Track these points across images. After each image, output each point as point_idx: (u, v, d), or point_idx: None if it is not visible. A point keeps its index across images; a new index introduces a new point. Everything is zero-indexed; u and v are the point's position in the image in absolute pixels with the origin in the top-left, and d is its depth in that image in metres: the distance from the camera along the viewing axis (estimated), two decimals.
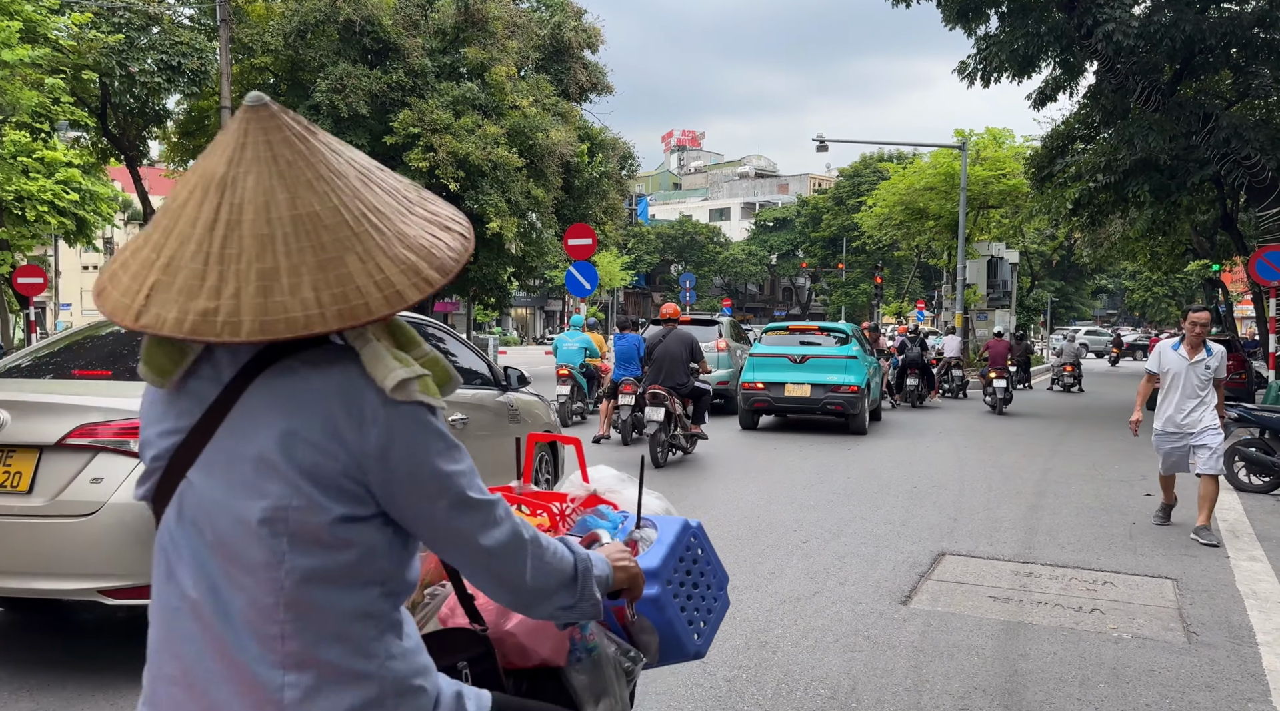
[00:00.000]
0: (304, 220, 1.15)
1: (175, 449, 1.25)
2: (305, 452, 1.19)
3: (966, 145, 28.73)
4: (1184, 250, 26.67)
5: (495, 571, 1.32)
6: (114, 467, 3.78)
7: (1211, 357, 6.90)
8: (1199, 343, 6.93)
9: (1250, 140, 14.39)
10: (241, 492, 1.20)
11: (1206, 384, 6.87)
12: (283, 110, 1.19)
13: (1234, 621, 4.93)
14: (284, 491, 1.19)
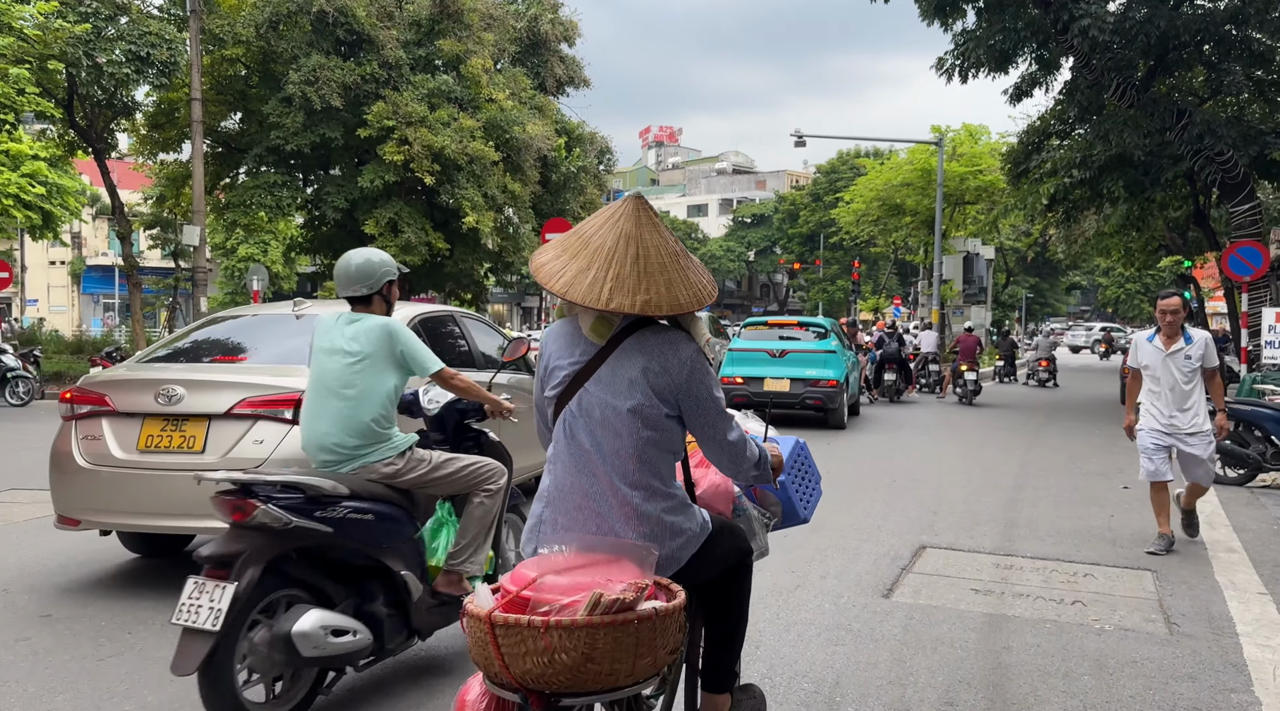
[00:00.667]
0: (674, 256, 2.31)
1: (578, 370, 2.34)
2: (654, 379, 2.30)
3: (943, 141, 28.84)
4: (1157, 246, 26.88)
5: (729, 452, 2.45)
6: (271, 431, 4.76)
7: (1192, 346, 6.14)
8: (1175, 331, 6.20)
9: (1223, 136, 14.49)
10: (618, 396, 2.30)
11: (1192, 376, 6.13)
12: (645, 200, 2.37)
13: (1214, 612, 4.93)
14: (642, 398, 2.29)
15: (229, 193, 22.70)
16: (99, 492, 4.92)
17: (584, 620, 1.95)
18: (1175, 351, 6.19)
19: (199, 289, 20.36)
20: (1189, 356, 6.16)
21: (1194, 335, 6.22)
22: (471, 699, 2.17)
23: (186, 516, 4.75)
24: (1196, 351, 6.16)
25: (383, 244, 21.06)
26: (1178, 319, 6.20)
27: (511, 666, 2.00)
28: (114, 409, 4.98)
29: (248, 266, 31.63)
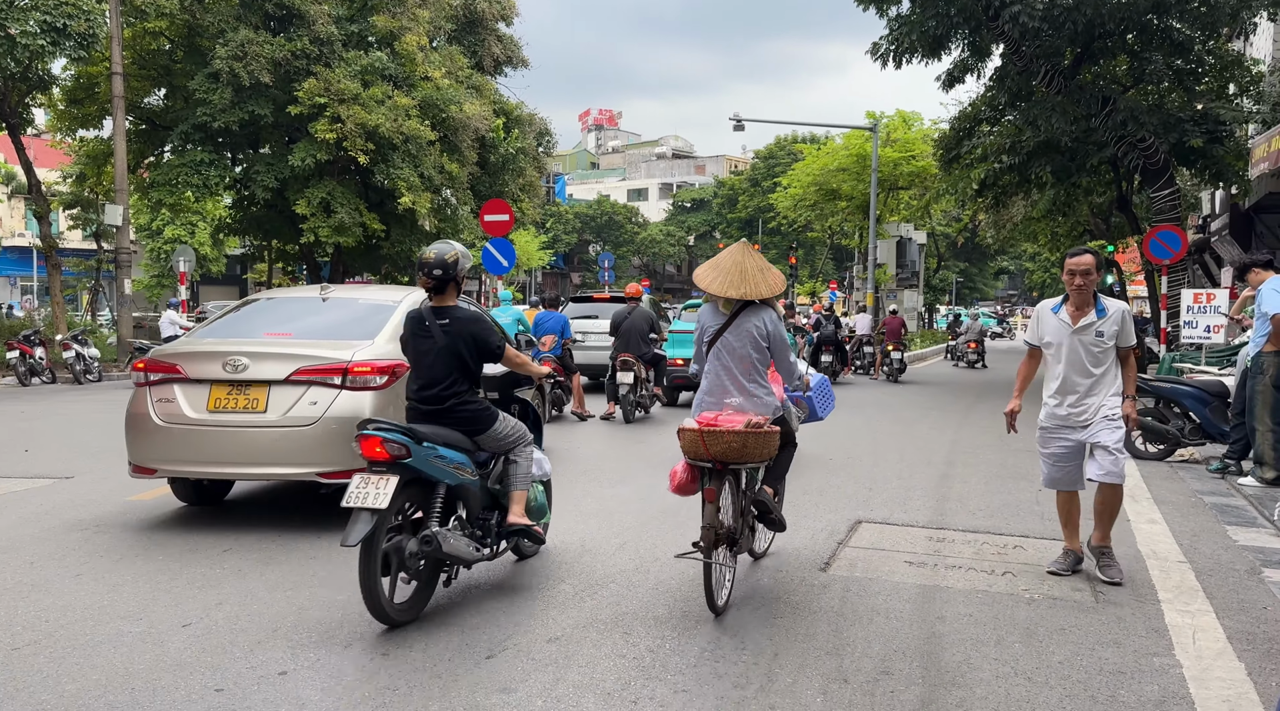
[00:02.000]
0: (760, 270, 4.77)
1: (719, 328, 4.74)
2: (755, 330, 4.72)
3: (878, 127, 29.23)
4: (1082, 231, 27.68)
5: (787, 371, 4.96)
6: (324, 395, 5.80)
7: (1105, 320, 4.98)
8: (1086, 299, 5.03)
9: (1145, 123, 14.95)
10: (740, 340, 4.72)
11: (1104, 356, 4.99)
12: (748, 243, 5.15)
13: (1137, 581, 5.10)
14: (750, 340, 4.72)
15: (153, 171, 21.94)
16: (173, 446, 5.89)
17: (743, 430, 4.41)
18: (1085, 325, 5.01)
19: (122, 271, 19.68)
20: (1101, 332, 4.98)
21: (1109, 306, 5.03)
22: (680, 469, 4.74)
23: (250, 464, 5.84)
24: (1110, 327, 4.98)
25: (315, 225, 20.61)
26: (1089, 283, 5.00)
27: (711, 447, 4.42)
28: (186, 376, 5.94)
29: (174, 248, 30.67)
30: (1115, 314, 5.02)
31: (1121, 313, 5.02)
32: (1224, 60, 16.40)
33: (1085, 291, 5.01)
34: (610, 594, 4.72)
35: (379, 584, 4.02)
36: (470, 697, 3.46)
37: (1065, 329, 5.06)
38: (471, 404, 4.63)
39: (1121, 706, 3.49)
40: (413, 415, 4.64)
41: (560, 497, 6.97)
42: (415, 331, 4.69)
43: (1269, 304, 7.62)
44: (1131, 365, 5.10)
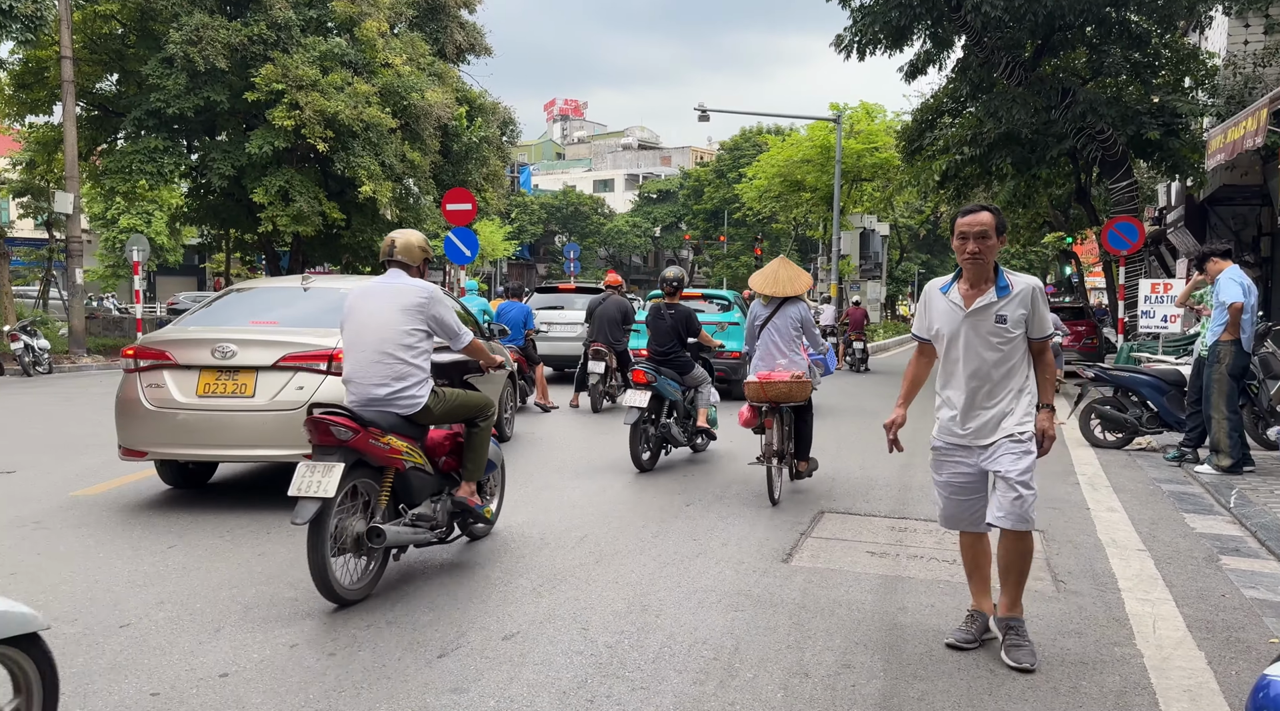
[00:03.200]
0: (793, 276, 7.11)
1: (768, 316, 7.00)
2: (793, 316, 6.97)
3: (841, 119, 29.30)
4: (1041, 223, 27.96)
5: (816, 343, 7.17)
6: (310, 380, 6.06)
7: (1009, 300, 3.75)
8: (984, 274, 3.78)
9: (1104, 115, 15.07)
10: (785, 324, 6.96)
11: (1010, 351, 3.77)
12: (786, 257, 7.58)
13: (1097, 569, 5.10)
14: (791, 323, 6.97)
15: (106, 159, 21.37)
16: (163, 430, 6.09)
17: (789, 380, 6.64)
18: (981, 308, 3.76)
19: (73, 260, 19.19)
20: (1002, 317, 3.74)
21: (1014, 282, 3.79)
22: (745, 410, 7.00)
23: (239, 446, 6.08)
24: (1015, 310, 3.74)
25: (273, 213, 20.22)
26: (987, 251, 3.73)
27: (768, 392, 6.64)
28: (175, 362, 6.16)
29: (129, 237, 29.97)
30: (1022, 292, 3.73)
31: (1031, 291, 3.74)
32: (1180, 53, 16.59)
33: (981, 262, 3.72)
34: (569, 588, 4.62)
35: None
36: (420, 698, 3.35)
37: (956, 313, 3.78)
38: (683, 356, 8.19)
39: (1083, 697, 3.46)
40: (653, 363, 8.10)
41: (521, 490, 6.85)
42: (655, 315, 8.28)
43: (1226, 293, 7.69)
44: (1049, 364, 3.86)
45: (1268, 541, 5.56)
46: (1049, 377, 3.87)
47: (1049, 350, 3.88)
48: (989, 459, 3.81)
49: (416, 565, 4.98)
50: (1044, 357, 3.87)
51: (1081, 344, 18.71)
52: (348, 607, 4.26)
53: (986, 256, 3.73)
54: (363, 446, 4.25)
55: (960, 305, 3.79)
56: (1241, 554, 5.46)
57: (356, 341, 4.67)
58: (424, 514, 4.67)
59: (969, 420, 3.83)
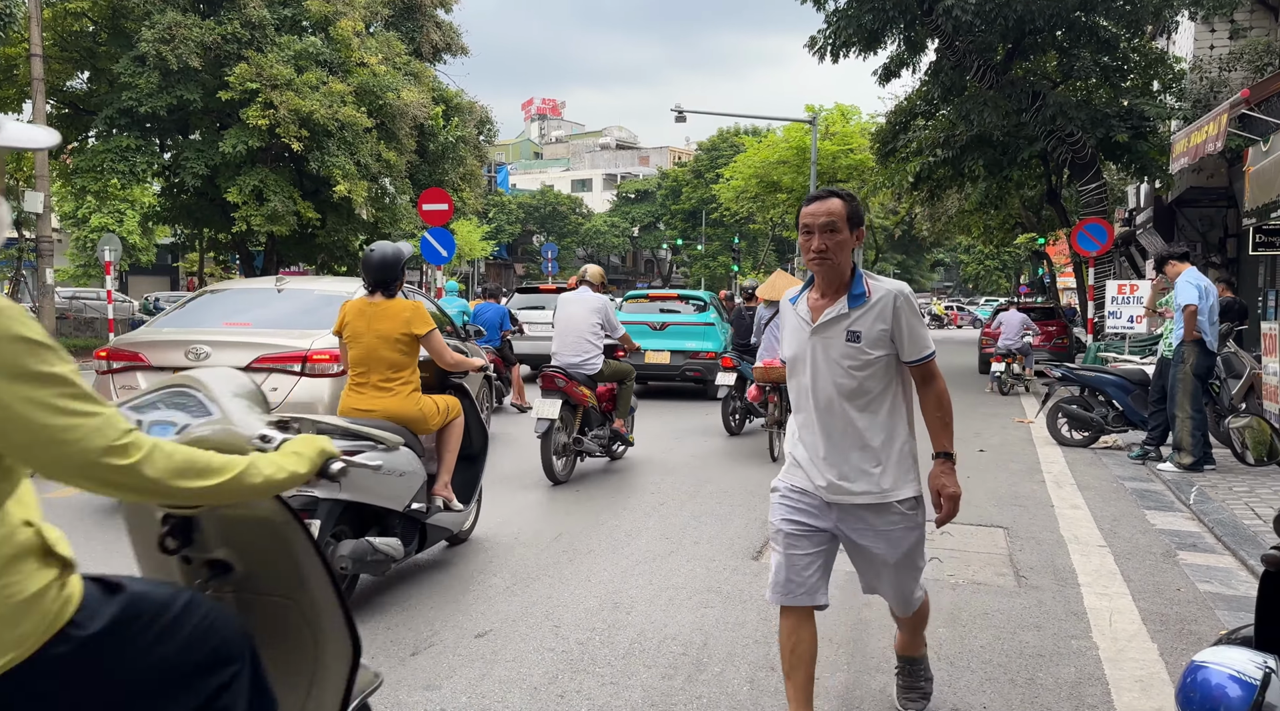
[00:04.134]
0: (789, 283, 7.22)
1: (770, 316, 8.43)
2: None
3: (817, 120, 29.53)
4: (1013, 224, 28.33)
5: None
6: (284, 382, 6.04)
7: (864, 311, 2.87)
8: (834, 279, 2.90)
9: (1074, 118, 15.32)
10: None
11: (869, 380, 2.87)
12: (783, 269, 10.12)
13: (1059, 565, 5.23)
14: None
15: (77, 157, 21.16)
16: None
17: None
18: (830, 321, 2.89)
19: (44, 260, 18.99)
20: (855, 334, 2.85)
21: (871, 289, 2.88)
22: (753, 389, 8.96)
23: None
24: (873, 324, 2.85)
25: (247, 213, 20.11)
26: (836, 249, 2.84)
27: (770, 375, 8.11)
28: (148, 364, 6.17)
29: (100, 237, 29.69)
30: (881, 302, 2.82)
31: (893, 300, 2.82)
32: (1148, 57, 16.88)
33: (831, 264, 2.82)
34: (542, 587, 4.69)
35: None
36: (393, 695, 3.40)
37: (803, 330, 2.92)
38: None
39: (1039, 688, 3.57)
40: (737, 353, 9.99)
41: (496, 489, 6.91)
42: (739, 315, 10.24)
43: (1182, 296, 7.87)
44: (940, 396, 2.92)
45: (1224, 537, 5.71)
46: (941, 415, 2.92)
47: (938, 378, 2.93)
48: (855, 530, 2.90)
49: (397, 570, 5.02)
50: (931, 388, 2.91)
51: (1052, 343, 18.98)
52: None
53: (837, 255, 2.81)
54: (569, 391, 7.13)
55: (805, 319, 2.90)
56: (1199, 549, 5.61)
57: (565, 329, 7.47)
58: (598, 434, 7.53)
59: (827, 469, 2.86)
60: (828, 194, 2.90)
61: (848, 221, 2.86)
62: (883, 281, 2.90)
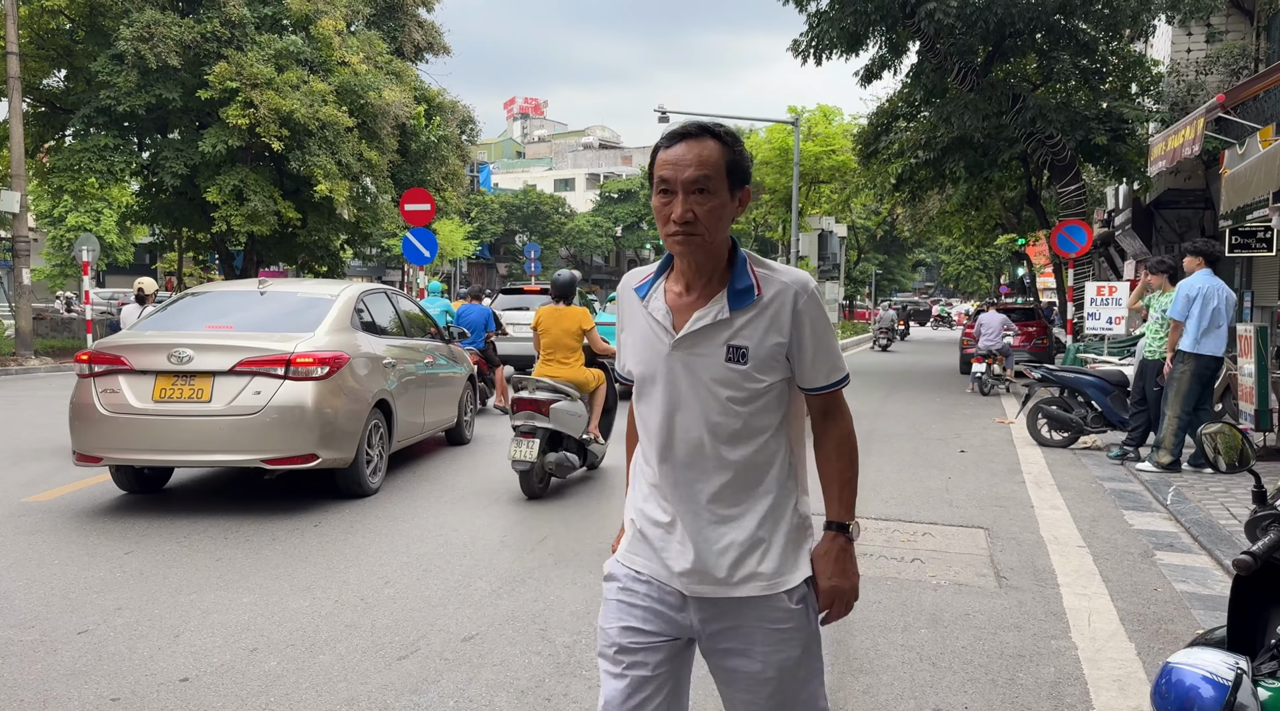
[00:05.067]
0: None
1: None
2: None
3: (799, 121, 29.63)
4: (994, 225, 28.53)
5: None
6: (268, 385, 6.07)
7: (752, 317, 1.90)
8: (709, 264, 1.92)
9: (1053, 121, 15.45)
10: None
11: (757, 421, 1.93)
12: None
13: (1038, 565, 5.29)
14: None
15: (54, 156, 20.94)
16: (119, 435, 6.08)
17: None
18: (700, 331, 1.92)
19: (20, 260, 18.80)
20: (739, 351, 1.91)
21: (762, 280, 1.93)
22: None
23: (196, 451, 6.08)
24: (765, 337, 1.91)
25: (227, 213, 19.98)
26: (709, 217, 1.87)
27: None
28: (130, 367, 6.12)
29: (77, 236, 29.38)
30: (778, 303, 1.93)
31: (794, 298, 1.93)
32: (1126, 60, 17.05)
33: (701, 244, 1.90)
34: (529, 590, 4.70)
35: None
36: (380, 699, 3.41)
37: (658, 340, 1.98)
38: None
39: (1019, 688, 3.62)
40: None
41: (481, 495, 6.91)
42: None
43: (1172, 308, 7.96)
44: (844, 439, 2.07)
45: (1200, 537, 5.80)
46: (842, 466, 2.04)
47: (844, 413, 2.05)
48: (723, 635, 1.96)
49: (376, 567, 5.02)
50: (835, 427, 2.04)
51: (1032, 344, 19.15)
52: (307, 609, 4.30)
53: (711, 229, 1.86)
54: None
55: (664, 324, 1.93)
56: (1175, 549, 5.69)
57: None
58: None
59: (689, 548, 1.93)
60: (698, 131, 1.89)
61: (727, 177, 1.87)
62: (777, 270, 1.94)
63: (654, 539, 2.00)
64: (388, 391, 7.06)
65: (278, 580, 4.79)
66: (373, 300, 7.63)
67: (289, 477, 6.95)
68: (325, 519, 6.08)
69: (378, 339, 7.25)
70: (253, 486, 6.99)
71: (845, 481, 2.06)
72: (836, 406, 2.05)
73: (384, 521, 6.06)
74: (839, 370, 2.00)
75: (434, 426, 8.35)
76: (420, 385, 7.85)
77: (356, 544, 5.50)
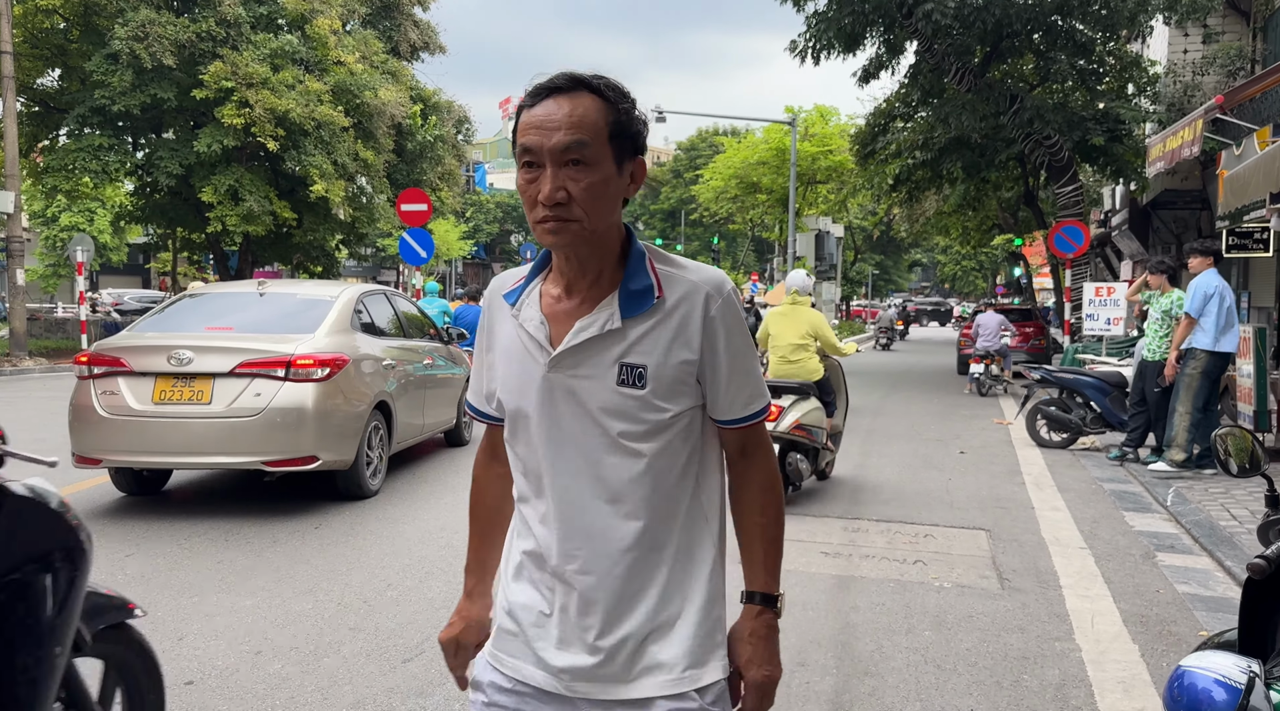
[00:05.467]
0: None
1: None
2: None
3: (796, 122, 29.65)
4: (991, 225, 28.58)
5: None
6: (268, 387, 6.05)
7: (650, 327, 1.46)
8: (590, 264, 1.49)
9: (1050, 121, 15.46)
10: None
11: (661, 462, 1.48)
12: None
13: (1041, 567, 5.29)
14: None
15: (48, 156, 20.88)
16: (118, 437, 6.06)
17: None
18: (582, 345, 1.47)
19: (14, 260, 18.72)
20: (635, 372, 1.45)
21: (664, 279, 1.49)
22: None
23: (196, 454, 6.07)
24: (669, 353, 1.46)
25: (222, 213, 19.92)
26: (587, 197, 1.41)
27: None
28: (130, 369, 6.09)
29: (71, 236, 29.30)
30: (685, 308, 1.48)
31: (705, 303, 1.48)
32: (1124, 61, 17.08)
33: (580, 232, 1.43)
34: None
35: None
36: (386, 702, 3.39)
37: (531, 359, 1.52)
38: None
39: (1024, 690, 3.61)
40: None
41: None
42: None
43: (1187, 303, 7.90)
44: (765, 483, 1.60)
45: (1201, 538, 5.80)
46: (765, 520, 1.60)
47: (768, 452, 1.62)
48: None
49: (378, 569, 5.01)
50: (756, 469, 1.60)
51: (1030, 345, 19.17)
52: (310, 612, 4.28)
53: (591, 212, 1.44)
54: None
55: (538, 338, 1.52)
56: (1176, 550, 5.70)
57: None
58: None
59: (571, 637, 1.52)
60: (570, 84, 1.44)
61: (611, 143, 1.43)
62: (685, 267, 1.52)
63: (528, 625, 1.53)
64: (387, 393, 7.04)
65: (280, 583, 4.77)
66: (372, 301, 7.62)
67: (289, 479, 6.93)
68: (326, 521, 6.07)
69: (377, 340, 7.23)
70: (253, 488, 6.97)
71: (770, 539, 1.60)
72: (758, 443, 1.59)
73: (385, 523, 6.04)
74: (760, 396, 1.56)
75: (433, 428, 8.33)
76: (419, 386, 7.83)
77: (358, 546, 5.49)
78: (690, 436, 1.53)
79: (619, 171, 1.46)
